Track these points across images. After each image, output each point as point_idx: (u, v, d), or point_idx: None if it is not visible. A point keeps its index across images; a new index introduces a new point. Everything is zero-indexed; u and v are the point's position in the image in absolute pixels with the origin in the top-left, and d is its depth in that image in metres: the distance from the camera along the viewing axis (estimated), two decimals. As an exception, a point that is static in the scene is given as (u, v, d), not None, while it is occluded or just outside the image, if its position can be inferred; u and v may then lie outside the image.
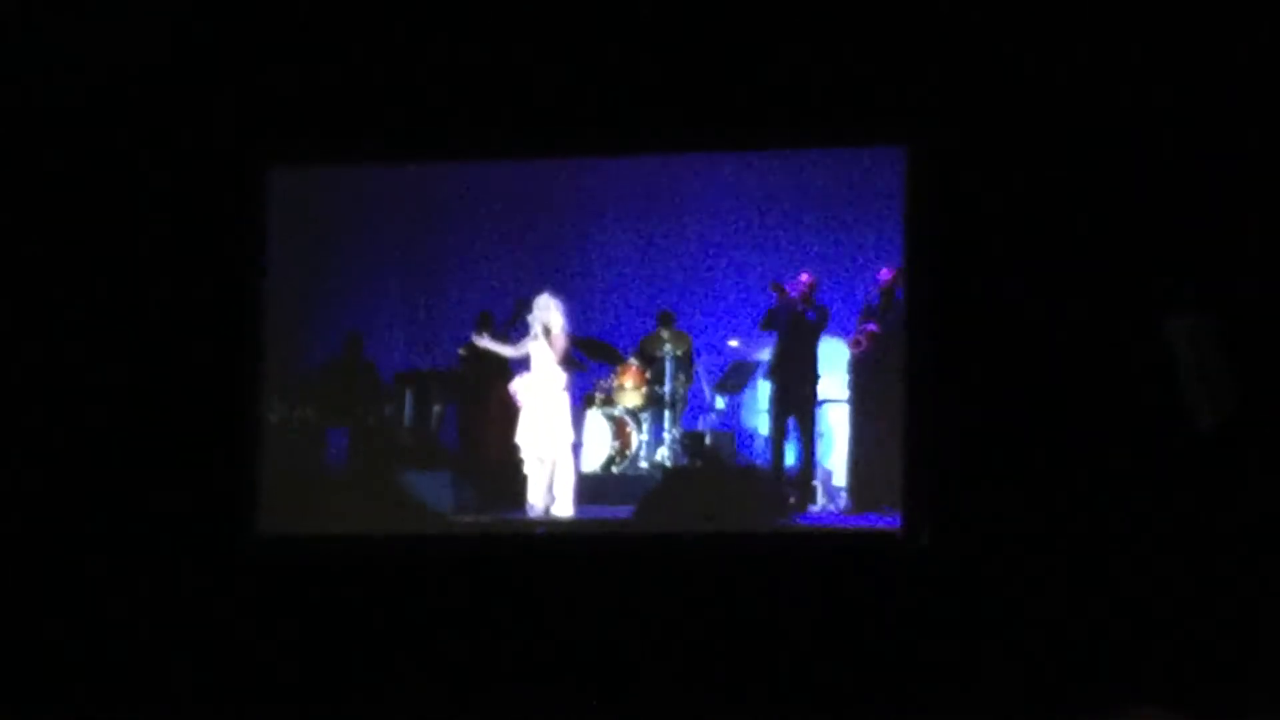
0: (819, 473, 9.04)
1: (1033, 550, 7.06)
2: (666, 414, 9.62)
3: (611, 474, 9.51)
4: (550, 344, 9.21)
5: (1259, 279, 6.78)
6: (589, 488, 9.17)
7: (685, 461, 9.35)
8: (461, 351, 9.38)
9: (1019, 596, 7.08)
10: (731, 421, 9.54)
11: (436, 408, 9.48)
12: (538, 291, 9.17)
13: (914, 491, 7.40)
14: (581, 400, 9.52)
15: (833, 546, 7.93)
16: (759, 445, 9.29)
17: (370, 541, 8.37)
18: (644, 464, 9.54)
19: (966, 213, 7.17)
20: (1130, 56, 7.06)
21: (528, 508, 9.07)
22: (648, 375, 9.59)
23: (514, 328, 9.18)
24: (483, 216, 9.29)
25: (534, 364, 9.29)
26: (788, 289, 8.94)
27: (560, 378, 9.29)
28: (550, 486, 9.11)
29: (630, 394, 9.58)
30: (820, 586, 7.55)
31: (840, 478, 9.02)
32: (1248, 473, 6.71)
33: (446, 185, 9.16)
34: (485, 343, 9.28)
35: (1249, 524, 6.76)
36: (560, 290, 9.19)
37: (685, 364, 9.52)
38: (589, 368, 9.50)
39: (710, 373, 9.57)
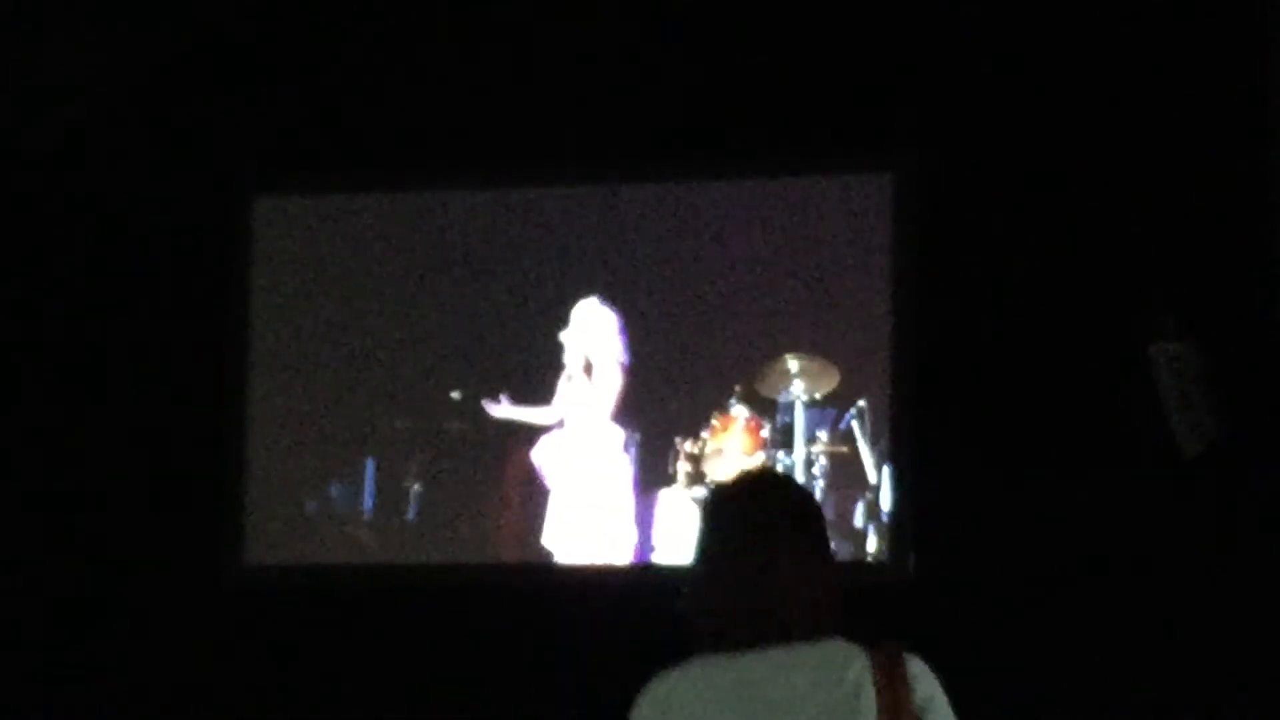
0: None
1: (1019, 579, 7.27)
2: (798, 497, 6.52)
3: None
4: (596, 383, 6.40)
5: (1241, 307, 7.22)
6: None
7: (829, 576, 6.35)
8: (455, 398, 6.50)
9: (1006, 627, 7.25)
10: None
11: (415, 487, 6.46)
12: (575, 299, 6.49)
13: (899, 519, 7.13)
14: (649, 474, 6.51)
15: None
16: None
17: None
18: (760, 580, 6.44)
19: (954, 244, 7.41)
20: (1122, 84, 7.40)
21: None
22: (764, 432, 6.51)
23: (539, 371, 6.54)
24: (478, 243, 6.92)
25: (570, 417, 6.41)
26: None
27: (614, 437, 6.36)
28: (603, 615, 6.37)
29: (735, 461, 6.48)
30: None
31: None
32: (1234, 500, 7.21)
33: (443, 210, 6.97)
34: (503, 411, 6.46)
35: (1237, 551, 7.17)
36: (613, 297, 6.46)
37: (829, 414, 6.59)
38: (659, 420, 6.58)
39: (875, 431, 6.59)
